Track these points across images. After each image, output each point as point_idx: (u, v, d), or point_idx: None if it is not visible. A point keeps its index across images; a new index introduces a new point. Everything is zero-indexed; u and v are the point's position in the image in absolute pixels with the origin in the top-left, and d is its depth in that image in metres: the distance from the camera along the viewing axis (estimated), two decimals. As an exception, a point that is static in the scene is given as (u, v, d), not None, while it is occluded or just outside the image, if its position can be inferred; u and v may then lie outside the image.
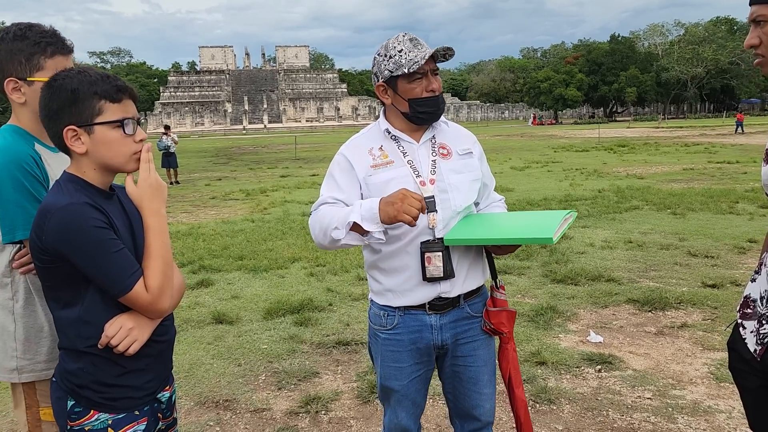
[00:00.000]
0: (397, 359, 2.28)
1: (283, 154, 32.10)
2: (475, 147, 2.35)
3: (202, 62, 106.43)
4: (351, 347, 4.82)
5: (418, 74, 2.13)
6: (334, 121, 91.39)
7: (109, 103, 1.65)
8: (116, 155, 1.68)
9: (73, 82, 1.63)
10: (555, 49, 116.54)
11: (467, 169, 2.26)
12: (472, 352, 2.30)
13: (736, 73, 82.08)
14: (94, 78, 1.65)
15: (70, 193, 1.63)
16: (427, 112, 2.18)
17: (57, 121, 1.64)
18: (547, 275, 6.62)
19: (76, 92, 1.62)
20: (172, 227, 10.72)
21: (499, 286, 2.29)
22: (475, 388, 2.32)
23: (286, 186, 17.11)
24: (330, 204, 2.17)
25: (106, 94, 1.65)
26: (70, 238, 1.57)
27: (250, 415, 3.81)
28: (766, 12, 1.69)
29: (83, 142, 1.65)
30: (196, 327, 5.40)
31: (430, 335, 2.24)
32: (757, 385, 1.87)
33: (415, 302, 2.22)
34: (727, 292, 5.84)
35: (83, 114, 1.64)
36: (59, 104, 1.63)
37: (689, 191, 12.71)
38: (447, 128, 2.34)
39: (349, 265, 7.32)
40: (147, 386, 1.75)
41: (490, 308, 2.28)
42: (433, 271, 2.15)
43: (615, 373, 4.19)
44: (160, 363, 1.81)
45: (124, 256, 1.62)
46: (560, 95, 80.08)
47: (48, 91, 1.65)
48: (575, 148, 28.97)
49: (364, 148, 2.24)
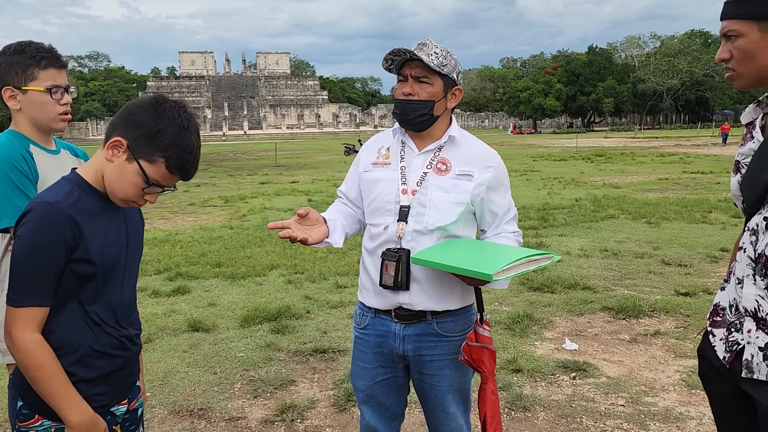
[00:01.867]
0: (363, 359, 2.33)
1: (263, 161, 31.98)
2: (483, 173, 2.19)
3: (181, 68, 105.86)
4: (328, 355, 4.81)
5: (401, 76, 2.18)
6: (315, 128, 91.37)
7: (163, 167, 1.67)
8: (119, 189, 1.70)
9: (168, 129, 1.66)
10: (534, 59, 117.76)
11: (455, 191, 2.16)
12: (438, 372, 2.25)
13: (711, 85, 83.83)
14: (183, 145, 1.68)
15: (64, 193, 1.64)
16: (396, 114, 2.21)
17: (126, 126, 1.65)
18: (524, 283, 6.67)
19: (160, 136, 1.65)
20: (148, 234, 10.61)
21: (483, 321, 2.18)
22: (441, 407, 2.29)
23: (265, 193, 17.03)
24: (339, 199, 2.44)
25: (170, 161, 1.68)
26: (22, 231, 1.59)
27: (225, 424, 3.77)
28: (736, 27, 1.73)
29: (117, 156, 1.67)
30: (171, 335, 5.35)
31: (393, 342, 2.25)
32: (726, 392, 1.90)
33: (382, 306, 2.25)
34: (699, 300, 5.93)
35: (142, 149, 1.65)
36: (141, 124, 1.65)
37: (664, 200, 12.91)
38: (461, 144, 2.24)
39: (328, 273, 7.31)
40: (97, 399, 1.72)
41: (471, 342, 2.16)
42: (386, 279, 2.16)
43: (589, 381, 4.23)
44: (116, 378, 1.78)
45: (35, 278, 1.59)
46: (539, 105, 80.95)
47: (151, 106, 1.67)
48: (554, 158, 29.28)
49: (377, 145, 2.35)
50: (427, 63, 2.09)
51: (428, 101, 2.14)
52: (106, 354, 1.73)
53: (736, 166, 1.87)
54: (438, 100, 2.16)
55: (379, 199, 2.21)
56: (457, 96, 2.22)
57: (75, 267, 1.63)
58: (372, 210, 2.25)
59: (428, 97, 2.14)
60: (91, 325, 1.70)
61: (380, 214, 2.21)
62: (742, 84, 1.79)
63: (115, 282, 1.75)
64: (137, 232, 1.87)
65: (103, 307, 1.72)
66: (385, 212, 2.20)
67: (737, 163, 1.86)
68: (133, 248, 1.83)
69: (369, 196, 2.26)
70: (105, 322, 1.73)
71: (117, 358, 1.77)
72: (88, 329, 1.70)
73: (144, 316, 5.78)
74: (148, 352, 4.92)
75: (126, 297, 1.83)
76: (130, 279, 1.85)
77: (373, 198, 2.24)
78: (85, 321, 1.69)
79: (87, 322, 1.69)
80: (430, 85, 2.13)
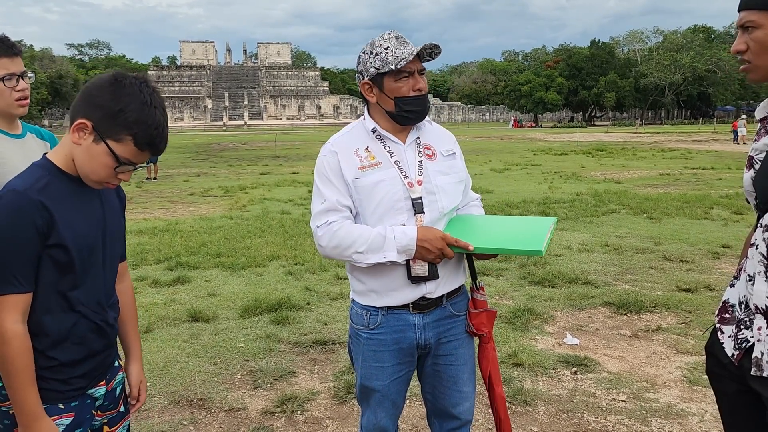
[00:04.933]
0: (379, 359, 2.26)
1: (264, 152, 31.91)
2: (456, 147, 2.36)
3: (182, 57, 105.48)
4: (328, 347, 4.79)
5: (405, 73, 2.12)
6: (315, 119, 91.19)
7: (132, 145, 1.64)
8: (91, 172, 1.68)
9: (130, 106, 1.62)
10: (536, 52, 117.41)
11: (452, 171, 2.26)
12: (453, 351, 2.30)
13: (713, 80, 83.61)
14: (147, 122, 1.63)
15: (33, 180, 1.63)
16: (414, 111, 2.17)
17: (88, 107, 1.64)
18: (525, 277, 6.66)
19: (122, 115, 1.62)
20: (149, 223, 10.59)
21: (478, 287, 2.28)
22: (455, 386, 2.32)
23: (265, 183, 17.00)
24: (339, 212, 2.15)
25: (138, 139, 1.63)
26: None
27: (225, 415, 3.76)
28: (754, 18, 1.70)
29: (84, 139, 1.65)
30: (171, 324, 5.33)
31: (414, 335, 2.23)
32: (734, 389, 1.88)
33: (398, 302, 2.20)
34: (701, 296, 5.92)
35: (107, 129, 1.63)
36: (103, 103, 1.63)
37: (665, 196, 12.88)
38: (431, 128, 2.33)
39: (328, 264, 7.28)
40: (74, 381, 1.73)
41: (471, 310, 2.28)
42: (419, 270, 2.14)
43: (590, 376, 4.22)
44: (95, 361, 1.79)
45: (12, 265, 1.58)
46: (540, 99, 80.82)
47: (111, 83, 1.64)
48: (554, 152, 29.23)
49: (351, 149, 2.20)
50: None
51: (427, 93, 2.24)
52: (85, 338, 1.73)
53: (750, 162, 1.84)
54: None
55: (387, 199, 2.15)
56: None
57: (50, 253, 1.62)
58: (381, 214, 2.15)
59: (427, 89, 2.24)
60: (71, 311, 1.70)
61: (392, 214, 2.15)
62: (756, 76, 1.76)
63: (94, 267, 1.73)
64: (115, 215, 1.84)
65: (83, 292, 1.71)
66: (396, 211, 2.15)
67: (750, 158, 1.83)
68: (112, 232, 1.81)
69: (372, 201, 2.15)
70: (86, 307, 1.72)
71: (96, 342, 1.77)
72: (69, 315, 1.70)
73: (144, 305, 5.77)
74: (148, 341, 4.90)
75: (108, 282, 1.82)
76: (112, 264, 1.84)
77: (379, 201, 2.15)
78: (66, 307, 1.69)
79: (67, 309, 1.69)
80: (425, 77, 2.23)
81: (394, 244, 2.08)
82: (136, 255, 7.84)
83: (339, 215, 2.16)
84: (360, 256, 2.11)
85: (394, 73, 2.11)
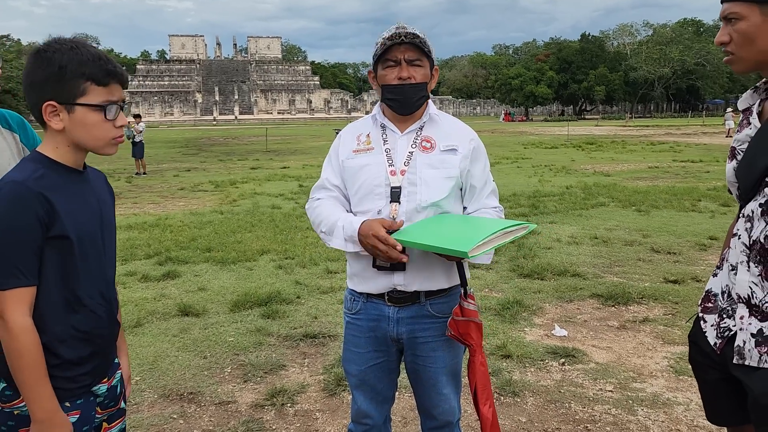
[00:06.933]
0: (356, 344, 2.33)
1: (254, 146, 31.79)
2: (466, 145, 2.24)
3: (172, 51, 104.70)
4: (318, 340, 4.80)
5: (391, 61, 2.14)
6: (306, 113, 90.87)
7: (94, 86, 1.63)
8: (93, 138, 1.67)
9: (63, 58, 1.60)
10: (527, 46, 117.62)
11: (443, 166, 2.19)
12: (431, 353, 2.27)
13: (702, 74, 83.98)
14: (85, 58, 1.61)
15: (29, 172, 1.61)
16: (395, 99, 2.18)
17: (38, 92, 1.62)
18: (515, 269, 6.69)
19: (64, 70, 1.60)
20: (138, 218, 10.55)
21: (467, 295, 2.19)
22: (434, 389, 2.30)
23: (256, 178, 16.94)
24: (327, 191, 2.28)
25: (93, 76, 1.62)
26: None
27: (215, 408, 3.76)
28: (737, 10, 1.71)
29: (61, 119, 1.63)
30: (161, 319, 5.32)
31: (387, 326, 2.26)
32: (716, 377, 1.91)
33: (373, 290, 2.24)
34: (687, 287, 5.97)
35: (66, 92, 1.61)
36: (43, 77, 1.61)
37: (654, 189, 12.97)
38: (440, 122, 2.27)
39: (318, 258, 7.29)
40: (80, 379, 1.71)
41: (456, 317, 2.17)
42: (381, 260, 2.15)
43: (578, 367, 4.26)
44: (98, 358, 1.77)
45: (16, 258, 1.56)
46: (531, 92, 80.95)
47: (35, 60, 1.62)
48: (545, 145, 29.32)
49: (355, 133, 2.31)
50: (420, 45, 2.12)
51: (423, 83, 2.18)
52: (90, 334, 1.72)
53: (732, 153, 1.86)
54: (428, 81, 2.22)
55: (368, 183, 2.19)
56: (435, 76, 2.27)
57: (53, 244, 1.61)
58: (361, 196, 2.21)
59: (422, 78, 2.18)
60: (76, 307, 1.68)
61: (370, 198, 2.19)
62: (740, 68, 1.78)
63: (95, 258, 1.72)
64: (108, 206, 1.84)
65: (86, 285, 1.70)
66: (375, 196, 2.18)
67: (733, 149, 1.85)
68: (107, 222, 1.80)
69: (355, 182, 2.22)
70: (91, 300, 1.71)
71: (101, 337, 1.76)
72: (74, 311, 1.68)
73: (133, 300, 5.76)
74: (138, 336, 4.90)
75: (109, 273, 1.81)
76: (110, 255, 1.83)
77: (360, 184, 2.21)
78: (71, 302, 1.67)
79: (73, 303, 1.67)
80: (421, 68, 2.17)
81: (342, 233, 2.13)
82: (125, 250, 7.81)
83: (326, 193, 2.29)
84: (324, 236, 2.21)
85: (383, 61, 2.15)
